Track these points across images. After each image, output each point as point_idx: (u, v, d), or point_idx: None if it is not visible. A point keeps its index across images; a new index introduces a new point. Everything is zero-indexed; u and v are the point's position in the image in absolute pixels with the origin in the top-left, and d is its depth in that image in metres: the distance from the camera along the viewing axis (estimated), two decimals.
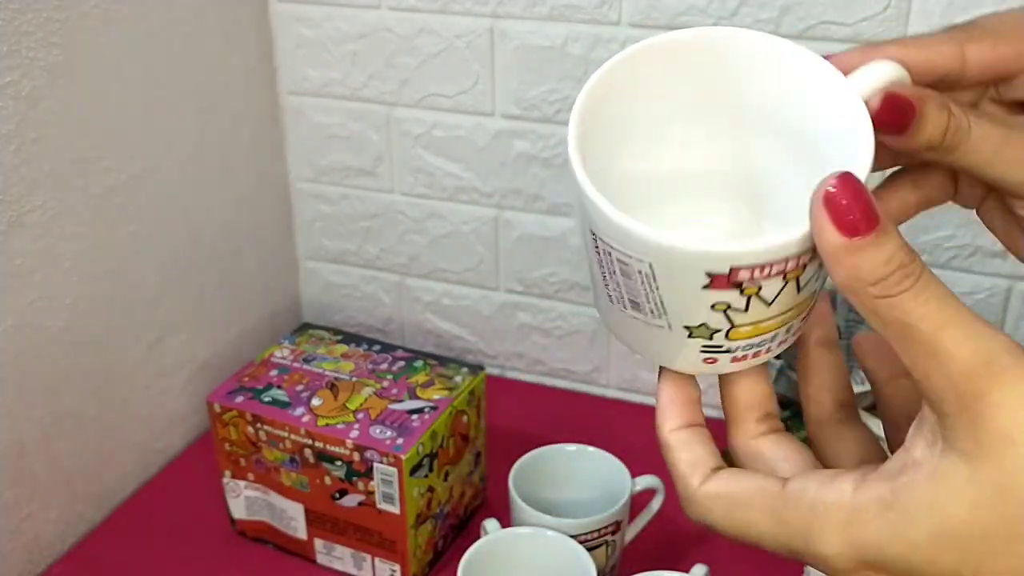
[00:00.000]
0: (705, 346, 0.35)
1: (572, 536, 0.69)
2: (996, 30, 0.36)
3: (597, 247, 0.34)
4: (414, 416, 0.75)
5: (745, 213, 0.39)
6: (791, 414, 0.78)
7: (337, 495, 0.75)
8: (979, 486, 0.28)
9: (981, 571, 0.28)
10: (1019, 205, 0.37)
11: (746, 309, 0.33)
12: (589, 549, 0.68)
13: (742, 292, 0.32)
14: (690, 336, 0.34)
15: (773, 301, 0.33)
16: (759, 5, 0.82)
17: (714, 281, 0.32)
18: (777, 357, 0.38)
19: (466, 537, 0.81)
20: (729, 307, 0.33)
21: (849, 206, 0.28)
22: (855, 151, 0.32)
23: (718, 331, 0.34)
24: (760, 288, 0.32)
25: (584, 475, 0.77)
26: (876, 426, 0.59)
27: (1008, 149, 0.35)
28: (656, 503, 0.78)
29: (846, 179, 0.29)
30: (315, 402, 0.76)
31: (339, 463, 0.73)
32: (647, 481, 0.76)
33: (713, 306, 0.33)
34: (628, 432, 0.95)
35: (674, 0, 0.83)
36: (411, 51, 0.94)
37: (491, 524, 0.73)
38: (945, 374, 0.28)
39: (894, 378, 0.38)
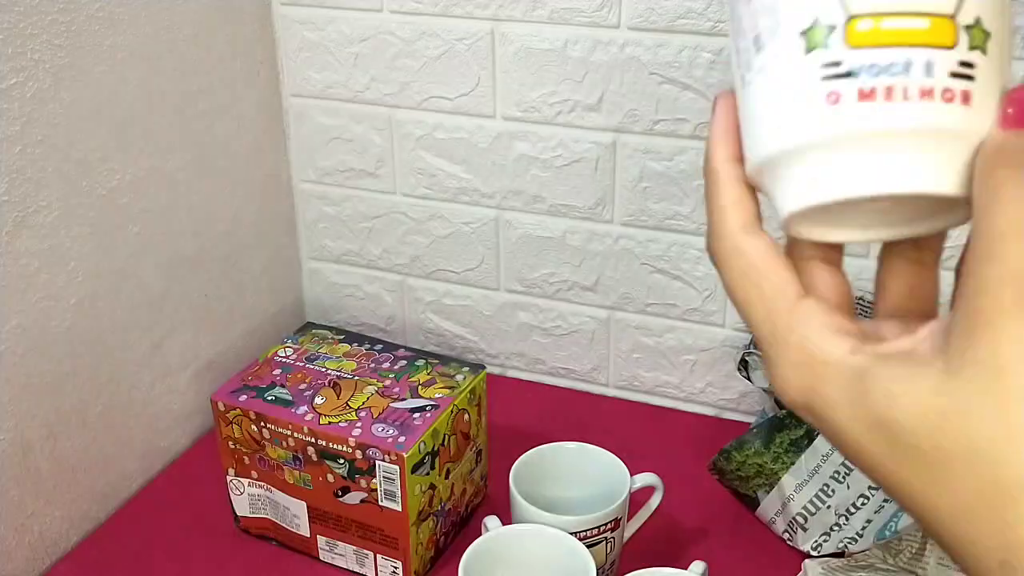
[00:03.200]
0: (825, 63, 0.31)
1: (572, 533, 0.69)
2: None
3: None
4: (416, 414, 0.75)
5: None
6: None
7: (339, 493, 0.76)
8: (947, 398, 0.28)
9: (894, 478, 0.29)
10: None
11: None
12: (589, 546, 0.69)
13: None
14: (808, 49, 0.31)
15: None
16: None
17: None
18: None
19: (467, 534, 0.82)
20: None
21: None
22: None
23: (833, 28, 0.30)
24: None
25: (584, 473, 0.78)
26: None
27: None
28: (655, 500, 0.79)
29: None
30: (318, 400, 0.76)
31: (342, 461, 0.74)
32: (646, 479, 0.76)
33: None
34: (627, 430, 0.96)
35: (673, 3, 0.84)
36: (413, 54, 0.94)
37: (492, 521, 0.74)
38: (1001, 267, 0.28)
39: (898, 308, 0.36)
